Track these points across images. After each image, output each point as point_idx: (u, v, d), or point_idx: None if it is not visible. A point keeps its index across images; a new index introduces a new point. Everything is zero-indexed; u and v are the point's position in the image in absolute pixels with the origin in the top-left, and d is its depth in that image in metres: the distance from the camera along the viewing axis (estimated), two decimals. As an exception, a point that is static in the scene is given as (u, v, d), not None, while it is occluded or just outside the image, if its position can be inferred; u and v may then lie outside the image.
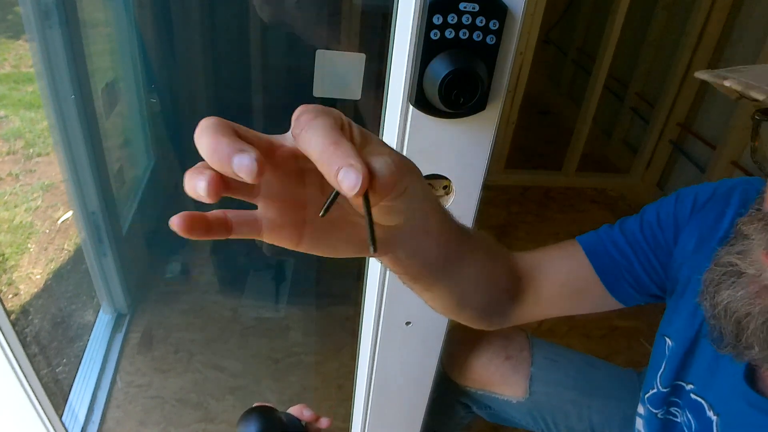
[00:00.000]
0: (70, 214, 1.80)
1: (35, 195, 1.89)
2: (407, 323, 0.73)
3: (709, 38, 2.01)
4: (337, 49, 0.76)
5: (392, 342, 0.74)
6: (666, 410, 0.64)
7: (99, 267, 1.39)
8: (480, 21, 0.49)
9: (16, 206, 1.84)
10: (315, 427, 0.62)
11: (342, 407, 1.29)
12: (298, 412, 0.61)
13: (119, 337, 1.43)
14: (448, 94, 0.49)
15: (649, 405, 0.66)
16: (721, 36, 2.01)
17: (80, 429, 1.22)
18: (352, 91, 0.67)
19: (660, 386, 0.64)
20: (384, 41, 0.54)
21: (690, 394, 0.59)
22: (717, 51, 2.04)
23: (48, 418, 0.93)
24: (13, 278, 1.58)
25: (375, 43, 0.72)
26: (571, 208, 2.30)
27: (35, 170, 2.00)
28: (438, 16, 0.48)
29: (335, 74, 0.66)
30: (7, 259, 1.65)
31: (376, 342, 0.74)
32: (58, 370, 1.31)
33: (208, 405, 1.32)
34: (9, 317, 0.79)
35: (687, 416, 0.59)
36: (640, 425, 0.69)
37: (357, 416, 0.88)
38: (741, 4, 1.93)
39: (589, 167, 2.43)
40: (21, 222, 1.79)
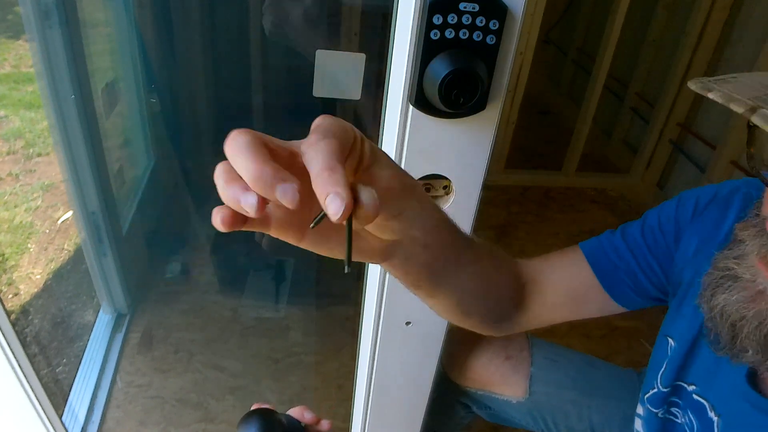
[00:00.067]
0: (70, 214, 1.80)
1: (35, 195, 1.89)
2: (407, 323, 0.73)
3: (709, 38, 2.01)
4: (337, 50, 0.76)
5: (392, 342, 0.74)
6: (666, 410, 0.64)
7: (99, 267, 1.39)
8: (480, 21, 0.49)
9: (16, 206, 1.84)
10: (315, 429, 0.62)
11: (342, 407, 1.29)
12: (299, 414, 0.60)
13: (119, 337, 1.43)
14: (448, 94, 0.49)
15: (649, 405, 0.66)
16: (721, 36, 2.00)
17: (80, 429, 1.22)
18: (352, 91, 0.67)
19: (660, 386, 0.64)
20: (384, 41, 0.54)
21: (692, 395, 0.59)
22: (717, 51, 2.04)
23: (48, 418, 0.93)
24: (13, 278, 1.58)
25: (375, 43, 0.72)
26: (571, 208, 2.30)
27: (35, 170, 2.00)
28: (438, 16, 0.48)
29: (335, 74, 0.66)
30: (7, 259, 1.65)
31: (376, 342, 0.74)
32: (58, 370, 1.31)
33: (208, 405, 1.32)
34: (9, 317, 0.79)
35: (689, 417, 0.59)
36: (639, 425, 0.69)
37: (357, 416, 0.88)
38: (741, 4, 1.93)
39: (589, 167, 2.43)
40: (21, 222, 1.79)
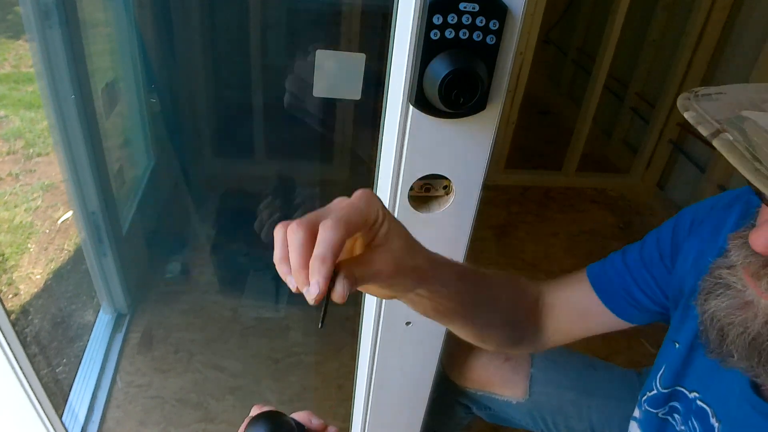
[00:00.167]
0: (70, 214, 1.80)
1: (35, 195, 1.89)
2: (407, 323, 0.73)
3: (709, 38, 2.01)
4: (337, 50, 0.76)
5: (392, 342, 0.74)
6: (666, 411, 0.64)
7: (99, 267, 1.39)
8: (480, 21, 0.49)
9: (16, 206, 1.84)
10: None
11: (342, 407, 1.29)
12: (305, 419, 0.58)
13: (119, 337, 1.43)
14: (448, 94, 0.49)
15: (648, 406, 0.66)
16: (721, 36, 2.00)
17: (80, 429, 1.22)
18: (352, 91, 0.66)
19: (660, 387, 0.64)
20: (384, 41, 0.54)
21: (696, 401, 0.59)
22: (717, 51, 2.04)
23: (48, 418, 0.93)
24: (13, 278, 1.58)
25: (375, 43, 0.72)
26: (571, 208, 2.30)
27: (35, 170, 2.00)
28: (438, 16, 0.48)
29: (335, 74, 0.66)
30: (7, 259, 1.65)
31: (376, 342, 0.74)
32: (58, 370, 1.31)
33: (208, 405, 1.32)
34: (9, 317, 0.79)
35: (692, 423, 0.59)
36: (635, 428, 0.69)
37: (357, 416, 0.88)
38: (741, 4, 1.93)
39: (589, 167, 2.42)
40: (21, 222, 1.79)
